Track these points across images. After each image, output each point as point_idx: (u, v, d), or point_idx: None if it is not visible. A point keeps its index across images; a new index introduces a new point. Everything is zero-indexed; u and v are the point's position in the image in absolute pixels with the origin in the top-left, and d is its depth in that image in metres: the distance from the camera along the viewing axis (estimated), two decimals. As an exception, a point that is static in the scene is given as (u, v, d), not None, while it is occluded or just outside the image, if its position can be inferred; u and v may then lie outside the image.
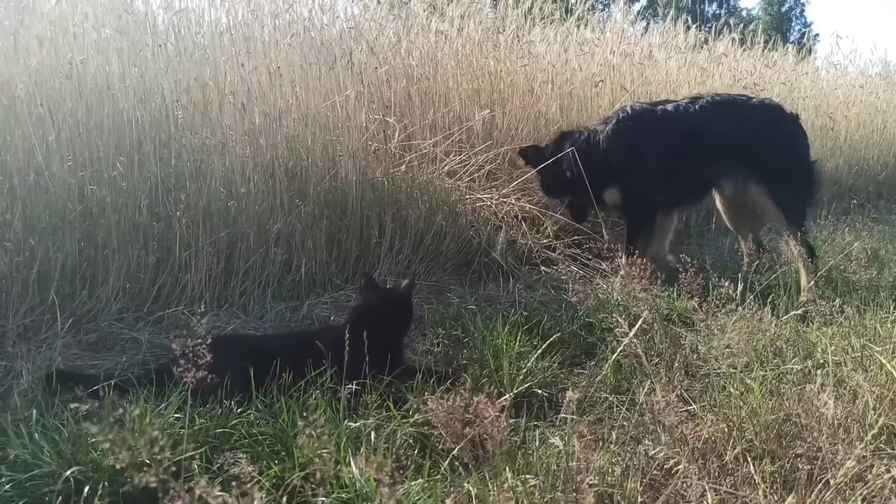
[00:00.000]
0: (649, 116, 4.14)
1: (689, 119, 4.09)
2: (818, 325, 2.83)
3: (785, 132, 4.16)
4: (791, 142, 4.17)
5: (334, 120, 4.24)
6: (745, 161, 4.09)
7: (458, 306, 3.49)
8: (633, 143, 4.10)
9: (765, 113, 4.19)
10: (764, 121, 4.12)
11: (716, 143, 4.06)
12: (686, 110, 4.12)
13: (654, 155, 4.09)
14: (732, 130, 4.05)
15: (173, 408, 2.06)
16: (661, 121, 4.11)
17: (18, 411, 2.14)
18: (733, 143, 4.05)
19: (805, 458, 1.75)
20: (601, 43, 6.74)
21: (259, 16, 4.66)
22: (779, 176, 4.08)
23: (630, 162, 4.09)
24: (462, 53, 5.62)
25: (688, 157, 4.07)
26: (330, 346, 2.45)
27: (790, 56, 9.57)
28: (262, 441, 2.08)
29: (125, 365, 2.73)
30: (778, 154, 4.06)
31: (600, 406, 2.48)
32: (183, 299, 3.23)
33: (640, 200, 4.18)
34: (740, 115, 4.15)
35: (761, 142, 4.05)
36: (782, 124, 4.18)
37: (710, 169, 4.16)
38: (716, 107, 4.14)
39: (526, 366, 2.50)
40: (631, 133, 4.11)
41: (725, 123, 4.08)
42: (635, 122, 4.13)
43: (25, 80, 3.34)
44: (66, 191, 3.21)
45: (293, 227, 3.70)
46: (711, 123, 4.07)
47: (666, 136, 4.08)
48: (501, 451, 1.60)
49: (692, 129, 4.07)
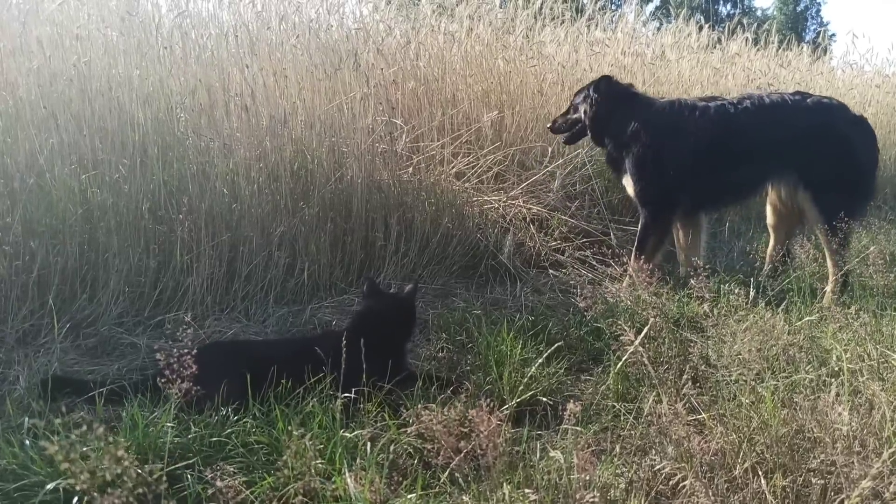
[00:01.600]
0: (683, 113, 4.03)
1: (726, 120, 3.96)
2: (833, 332, 2.74)
3: (837, 136, 3.95)
4: (843, 146, 3.94)
5: (340, 122, 4.20)
6: (791, 165, 3.96)
7: (463, 311, 3.43)
8: (656, 139, 4.00)
9: (817, 115, 3.98)
10: (814, 124, 3.94)
11: (754, 145, 3.94)
12: (726, 111, 3.99)
13: (678, 154, 3.98)
14: (775, 134, 3.91)
15: (167, 416, 2.01)
16: (692, 119, 3.99)
17: (11, 419, 2.11)
18: (775, 146, 3.91)
19: (818, 474, 1.67)
20: (612, 43, 6.66)
21: (265, 17, 4.64)
22: (826, 182, 3.90)
23: (650, 157, 4.00)
24: (471, 54, 5.57)
25: (720, 158, 3.96)
26: (329, 352, 2.40)
27: (805, 56, 9.43)
28: (258, 451, 2.03)
29: (123, 370, 2.70)
30: (826, 159, 3.89)
31: (606, 415, 2.42)
32: (184, 303, 3.20)
33: (654, 199, 4.08)
34: (786, 118, 3.97)
35: (808, 146, 3.89)
36: (835, 127, 3.97)
37: (748, 171, 4.03)
38: (760, 108, 3.98)
39: (530, 373, 2.43)
40: (659, 127, 4.02)
41: (768, 126, 3.93)
42: (668, 116, 4.04)
43: (29, 81, 3.32)
44: (68, 193, 3.18)
45: (297, 229, 3.66)
46: (752, 125, 3.93)
47: (695, 135, 3.96)
48: (501, 464, 1.54)
49: (728, 130, 3.95)
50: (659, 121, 4.04)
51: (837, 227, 3.72)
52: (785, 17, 43.91)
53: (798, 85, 8.32)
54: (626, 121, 4.07)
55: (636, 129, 4.03)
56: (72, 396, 2.36)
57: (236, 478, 1.68)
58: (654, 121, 4.04)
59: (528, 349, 2.79)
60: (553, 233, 4.80)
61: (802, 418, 1.89)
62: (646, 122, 4.03)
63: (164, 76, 3.86)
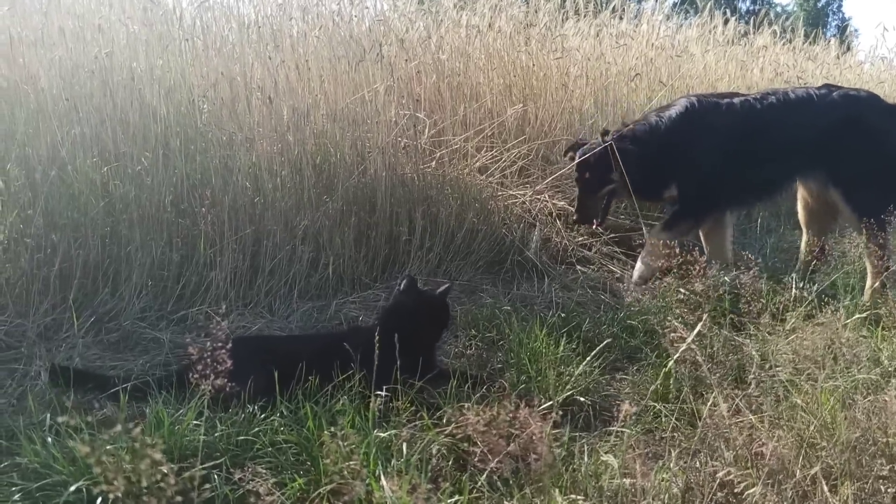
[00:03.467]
0: (712, 111, 3.91)
1: (752, 117, 3.83)
2: (881, 329, 2.62)
3: (867, 128, 3.80)
4: (874, 138, 3.79)
5: (363, 115, 4.11)
6: (819, 161, 3.81)
7: (491, 307, 3.33)
8: (694, 139, 3.89)
9: (844, 108, 3.83)
10: (841, 117, 3.79)
11: (781, 143, 3.81)
12: (752, 107, 3.86)
13: (713, 153, 3.88)
14: (801, 130, 3.79)
15: (193, 413, 1.94)
16: (723, 117, 3.87)
17: (33, 415, 2.04)
18: (801, 142, 3.79)
19: (889, 481, 1.55)
20: (637, 36, 6.53)
21: (287, 9, 4.57)
22: (857, 178, 3.76)
23: (690, 157, 3.90)
24: (493, 48, 5.47)
25: (746, 157, 3.84)
26: (359, 349, 2.32)
27: (833, 49, 9.23)
28: (286, 450, 1.95)
29: (146, 366, 2.63)
30: (856, 153, 3.74)
31: (646, 415, 2.31)
32: (207, 298, 3.12)
33: (696, 196, 3.96)
34: (813, 114, 3.83)
35: (836, 140, 3.74)
36: (865, 119, 3.82)
37: (775, 169, 3.89)
38: (785, 105, 3.85)
39: (571, 372, 2.32)
40: (693, 128, 3.90)
41: (794, 122, 3.81)
42: (698, 116, 3.91)
43: (51, 73, 3.27)
44: (90, 186, 3.13)
45: (321, 223, 3.58)
46: (777, 123, 3.80)
47: (725, 134, 3.85)
48: (548, 468, 1.44)
49: (754, 127, 3.82)
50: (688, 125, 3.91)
51: (873, 223, 3.56)
52: (806, 12, 43.32)
53: (826, 78, 8.13)
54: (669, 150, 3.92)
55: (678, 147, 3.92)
56: (94, 392, 2.29)
57: (267, 479, 1.59)
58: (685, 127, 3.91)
59: (561, 347, 2.69)
60: (580, 228, 4.68)
61: (865, 421, 1.78)
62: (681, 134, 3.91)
63: (185, 68, 3.81)
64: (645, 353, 2.74)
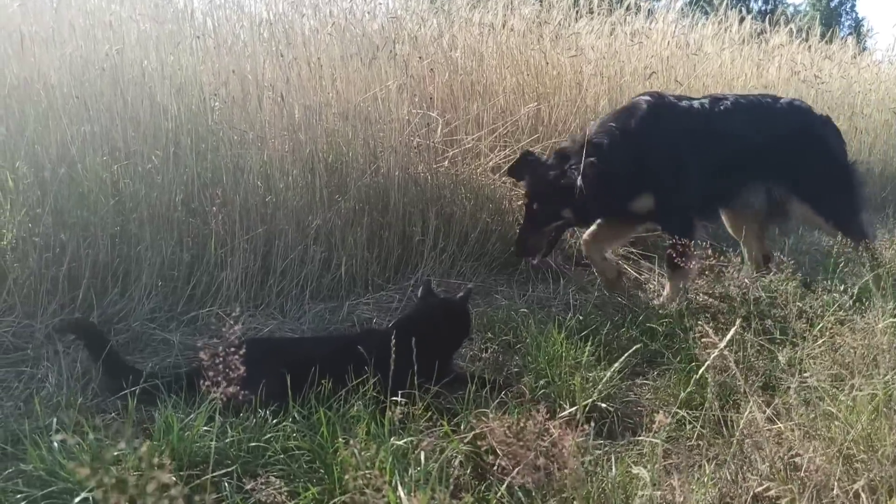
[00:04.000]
0: (679, 115, 3.62)
1: (713, 122, 3.60)
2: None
3: (819, 138, 3.77)
4: (823, 147, 3.77)
5: (375, 114, 4.05)
6: (779, 173, 3.69)
7: (507, 309, 3.26)
8: (672, 142, 3.55)
9: (796, 117, 3.77)
10: (796, 127, 3.72)
11: (742, 150, 3.62)
12: (710, 112, 3.63)
13: (690, 159, 3.56)
14: (761, 137, 3.62)
15: (203, 418, 1.88)
16: (691, 120, 3.61)
17: (39, 418, 1.99)
18: (762, 151, 3.62)
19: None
20: (651, 34, 6.44)
21: (299, 7, 4.51)
22: (820, 188, 3.69)
23: (671, 163, 3.55)
24: (506, 46, 5.39)
25: (713, 164, 3.58)
26: (373, 352, 2.25)
27: (850, 48, 9.10)
28: (299, 457, 1.89)
29: (156, 368, 2.57)
30: (815, 164, 3.68)
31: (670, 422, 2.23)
32: (218, 299, 3.07)
33: (680, 206, 3.61)
34: (769, 121, 3.71)
35: (795, 151, 3.64)
36: (815, 129, 3.78)
37: (734, 178, 3.70)
38: (740, 110, 3.67)
39: (593, 377, 2.25)
40: (668, 130, 3.57)
41: (753, 129, 3.63)
42: (667, 120, 3.59)
43: (61, 70, 3.22)
44: (100, 184, 3.08)
45: (333, 223, 3.52)
46: (738, 128, 3.61)
47: (695, 139, 3.58)
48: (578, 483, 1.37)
49: (718, 132, 3.58)
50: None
51: (853, 228, 3.62)
52: (818, 12, 42.96)
53: (842, 79, 8.01)
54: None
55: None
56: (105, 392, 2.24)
57: (280, 489, 1.53)
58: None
59: (580, 351, 2.61)
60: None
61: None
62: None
63: (196, 66, 3.76)
64: (667, 358, 2.65)
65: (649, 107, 3.58)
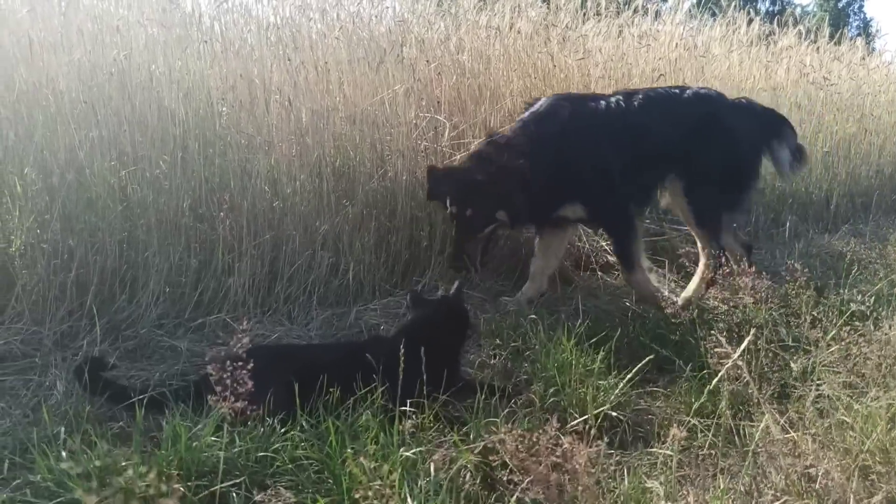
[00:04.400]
0: (596, 113, 3.54)
1: (630, 118, 3.53)
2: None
3: (720, 127, 3.68)
4: (725, 137, 3.68)
5: (383, 117, 4.04)
6: (681, 164, 3.62)
7: (515, 314, 3.24)
8: (593, 143, 3.46)
9: (700, 106, 3.70)
10: (700, 116, 3.65)
11: (658, 142, 3.56)
12: (626, 109, 3.55)
13: (614, 157, 3.48)
14: (670, 128, 3.57)
15: (210, 430, 1.86)
16: (608, 118, 3.52)
17: (47, 427, 1.98)
18: (672, 142, 3.57)
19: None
20: (659, 36, 6.41)
21: (306, 11, 4.51)
22: (702, 175, 3.61)
23: (596, 165, 3.45)
24: (513, 49, 5.37)
25: (633, 161, 3.51)
26: (381, 360, 2.23)
27: (859, 49, 9.04)
28: (308, 467, 1.87)
29: (164, 375, 2.56)
30: (707, 152, 3.61)
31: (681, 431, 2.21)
32: (225, 305, 3.06)
33: (615, 205, 3.54)
34: (676, 111, 3.66)
35: (691, 139, 3.58)
36: (718, 117, 3.70)
37: (653, 173, 3.65)
38: (652, 103, 3.61)
39: (604, 386, 2.22)
40: (587, 131, 3.47)
41: (664, 121, 3.58)
42: (584, 118, 3.51)
43: (69, 75, 3.23)
44: (108, 190, 3.08)
45: (340, 228, 3.51)
46: (653, 122, 3.55)
47: (616, 136, 3.50)
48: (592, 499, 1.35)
49: (636, 127, 3.51)
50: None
51: (708, 219, 3.62)
52: (826, 13, 42.76)
53: (851, 80, 7.96)
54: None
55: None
56: (112, 402, 2.23)
57: (288, 500, 1.52)
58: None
59: (589, 358, 2.59)
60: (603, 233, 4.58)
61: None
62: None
63: (204, 71, 3.75)
64: (678, 365, 2.62)
65: (564, 106, 3.54)
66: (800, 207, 6.12)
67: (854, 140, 7.29)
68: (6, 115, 3.10)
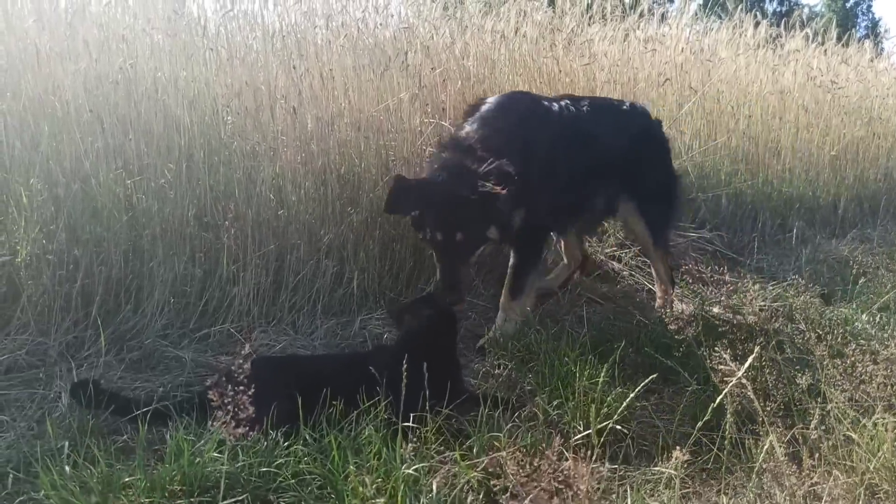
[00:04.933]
0: (546, 113, 3.35)
1: (579, 122, 3.40)
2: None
3: (657, 141, 3.71)
4: (662, 152, 3.74)
5: (388, 124, 4.04)
6: (622, 176, 3.55)
7: (521, 324, 3.23)
8: (545, 150, 3.20)
9: (638, 119, 3.70)
10: (639, 130, 3.65)
11: (603, 152, 3.45)
12: (577, 112, 3.43)
13: (563, 163, 3.26)
14: (614, 138, 3.50)
15: (213, 445, 1.86)
16: (561, 123, 3.35)
17: (51, 441, 1.99)
18: (613, 152, 3.49)
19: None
20: (665, 40, 6.39)
21: (312, 17, 4.51)
22: (650, 192, 3.61)
23: (544, 173, 3.15)
24: (518, 53, 5.37)
25: (577, 168, 3.33)
26: (384, 372, 2.23)
27: (867, 52, 8.99)
28: (311, 482, 1.87)
29: (168, 386, 2.57)
30: (650, 167, 3.62)
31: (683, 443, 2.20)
32: (230, 315, 3.07)
33: (539, 225, 3.28)
34: (619, 122, 3.62)
35: (635, 153, 3.55)
36: (653, 132, 3.72)
37: (593, 184, 3.50)
38: (597, 111, 3.52)
39: (609, 401, 2.21)
40: (534, 134, 3.24)
41: (608, 130, 3.50)
42: (532, 119, 3.30)
43: (75, 84, 3.24)
44: (113, 199, 3.08)
45: (345, 236, 3.51)
46: (598, 130, 3.44)
47: (570, 139, 3.33)
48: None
49: (583, 133, 3.37)
50: None
51: (661, 238, 3.64)
52: (834, 13, 42.53)
53: (859, 83, 7.91)
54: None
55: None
56: (115, 415, 2.23)
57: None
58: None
59: (593, 367, 2.57)
60: (608, 239, 4.57)
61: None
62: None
63: (209, 78, 3.76)
64: (682, 376, 2.61)
65: (521, 100, 3.42)
66: (807, 212, 6.09)
67: (862, 143, 7.25)
68: (13, 124, 3.11)
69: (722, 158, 5.86)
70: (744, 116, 6.12)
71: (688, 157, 5.50)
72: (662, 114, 5.88)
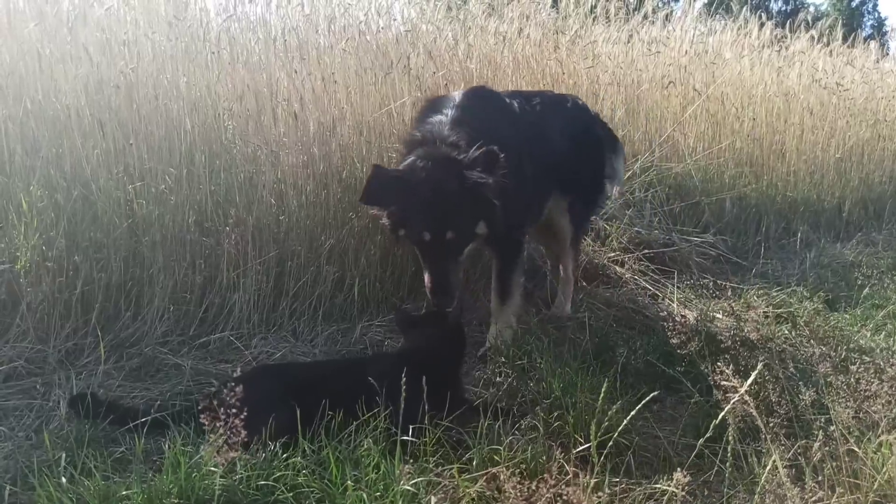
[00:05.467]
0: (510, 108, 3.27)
1: (536, 118, 3.32)
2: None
3: (594, 139, 3.67)
4: (597, 149, 3.68)
5: (390, 127, 4.03)
6: (564, 171, 3.44)
7: (522, 331, 3.21)
8: (515, 145, 3.01)
9: (581, 116, 3.68)
10: (581, 126, 3.62)
11: (553, 149, 3.36)
12: (533, 112, 3.35)
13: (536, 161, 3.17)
14: (561, 136, 3.44)
15: (210, 456, 1.85)
16: (523, 116, 3.26)
17: (48, 452, 1.97)
18: (562, 149, 3.42)
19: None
20: (669, 42, 6.36)
21: (314, 21, 4.50)
22: (581, 190, 3.57)
23: (517, 169, 2.93)
24: (522, 55, 5.35)
25: (539, 164, 3.22)
26: (383, 381, 2.21)
27: (872, 52, 8.94)
28: (309, 495, 1.86)
29: (167, 394, 2.56)
30: (587, 164, 3.58)
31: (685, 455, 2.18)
32: (230, 322, 3.05)
33: (515, 223, 3.09)
34: (566, 119, 3.57)
35: (577, 150, 3.50)
36: (592, 129, 3.69)
37: (548, 181, 3.39)
38: (547, 109, 3.46)
39: (611, 415, 2.19)
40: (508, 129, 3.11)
41: (558, 127, 3.45)
42: (507, 112, 3.21)
43: (76, 88, 3.23)
44: (114, 205, 3.07)
45: (346, 242, 3.49)
46: (552, 126, 3.39)
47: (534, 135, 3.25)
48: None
49: (539, 129, 3.30)
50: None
51: (578, 240, 3.70)
52: (839, 12, 42.30)
53: (865, 85, 7.86)
54: None
55: None
56: (115, 425, 2.22)
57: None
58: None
59: (595, 377, 2.55)
60: (611, 243, 4.55)
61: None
62: None
63: (211, 82, 3.75)
64: (685, 387, 2.59)
65: (490, 101, 3.29)
66: (811, 215, 6.06)
67: (867, 146, 7.20)
68: (13, 129, 3.11)
69: (726, 161, 5.83)
70: (748, 119, 6.08)
71: (692, 161, 5.47)
72: (667, 116, 5.88)
